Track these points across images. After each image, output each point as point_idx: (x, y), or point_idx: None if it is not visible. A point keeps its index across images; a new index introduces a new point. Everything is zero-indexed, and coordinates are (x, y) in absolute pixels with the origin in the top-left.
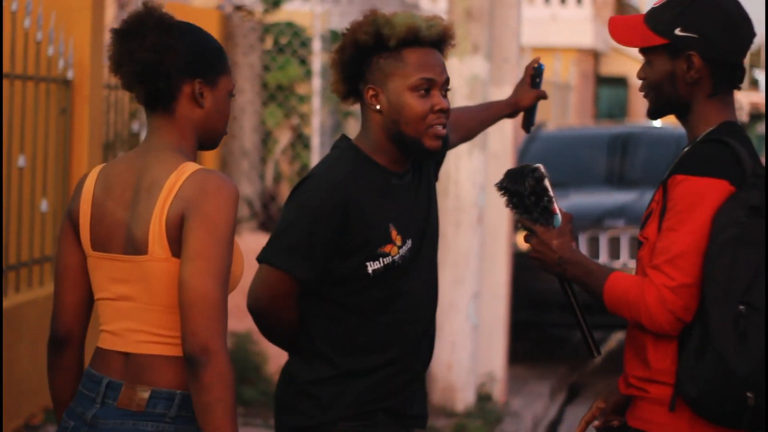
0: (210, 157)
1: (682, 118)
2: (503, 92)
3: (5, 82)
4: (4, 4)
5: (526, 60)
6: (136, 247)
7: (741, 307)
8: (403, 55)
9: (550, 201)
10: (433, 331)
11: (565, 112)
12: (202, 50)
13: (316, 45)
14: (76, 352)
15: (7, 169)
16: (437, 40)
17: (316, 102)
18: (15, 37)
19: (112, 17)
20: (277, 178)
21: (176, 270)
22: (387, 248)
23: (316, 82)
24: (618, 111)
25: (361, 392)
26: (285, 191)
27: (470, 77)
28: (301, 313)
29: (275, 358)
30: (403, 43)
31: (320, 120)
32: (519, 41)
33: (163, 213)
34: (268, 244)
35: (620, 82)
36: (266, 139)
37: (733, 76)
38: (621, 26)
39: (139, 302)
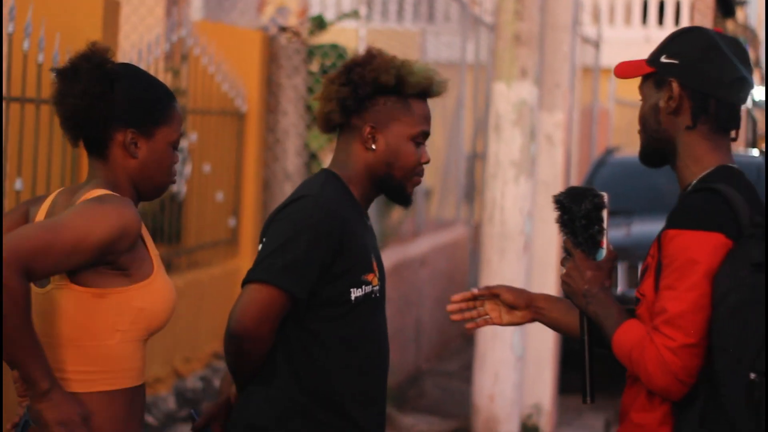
0: (252, 179)
1: (672, 162)
2: (554, 118)
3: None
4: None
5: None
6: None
7: (752, 375)
8: (410, 103)
9: (599, 232)
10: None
11: None
12: (138, 99)
13: None
14: None
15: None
16: (434, 96)
17: None
18: (12, 60)
19: (154, 39)
20: None
21: (76, 298)
22: (369, 277)
23: None
24: None
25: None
26: None
27: (518, 102)
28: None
29: None
30: (416, 92)
31: None
32: (572, 65)
33: None
34: (258, 263)
35: None
36: (310, 162)
37: (718, 114)
38: (626, 63)
39: (43, 336)
